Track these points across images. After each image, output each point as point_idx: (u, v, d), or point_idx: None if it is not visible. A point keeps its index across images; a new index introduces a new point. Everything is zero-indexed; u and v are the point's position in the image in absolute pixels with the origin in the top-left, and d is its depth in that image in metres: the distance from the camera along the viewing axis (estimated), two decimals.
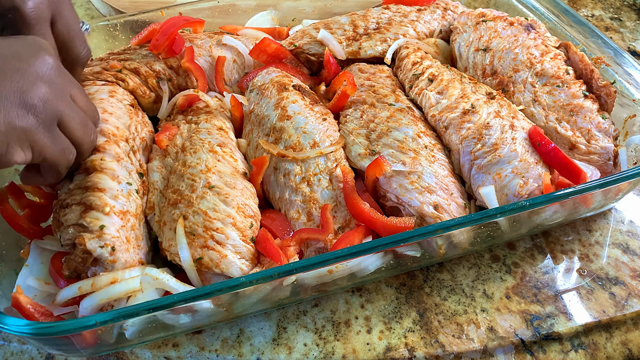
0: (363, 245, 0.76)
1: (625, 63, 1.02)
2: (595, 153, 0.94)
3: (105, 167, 0.82)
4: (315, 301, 0.87)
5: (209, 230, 0.79)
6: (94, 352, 0.78)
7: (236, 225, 0.81)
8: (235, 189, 0.85)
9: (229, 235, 0.80)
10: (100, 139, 0.86)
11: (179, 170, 0.87)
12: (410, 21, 1.19)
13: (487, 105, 0.94)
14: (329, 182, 0.89)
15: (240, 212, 0.83)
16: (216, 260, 0.78)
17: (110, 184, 0.81)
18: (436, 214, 0.83)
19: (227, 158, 0.90)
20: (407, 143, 0.91)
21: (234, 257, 0.79)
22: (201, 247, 0.78)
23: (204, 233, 0.79)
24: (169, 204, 0.84)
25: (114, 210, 0.79)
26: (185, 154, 0.89)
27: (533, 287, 0.88)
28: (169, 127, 0.97)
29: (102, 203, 0.78)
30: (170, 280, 0.75)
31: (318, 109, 0.99)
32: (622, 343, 0.83)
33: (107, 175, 0.82)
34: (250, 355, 0.80)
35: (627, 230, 0.97)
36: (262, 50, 1.11)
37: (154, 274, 0.75)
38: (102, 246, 0.75)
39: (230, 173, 0.88)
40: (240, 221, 0.82)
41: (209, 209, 0.81)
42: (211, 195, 0.83)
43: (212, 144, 0.91)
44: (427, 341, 0.81)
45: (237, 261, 0.79)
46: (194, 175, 0.85)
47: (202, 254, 0.78)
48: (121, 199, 0.81)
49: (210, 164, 0.87)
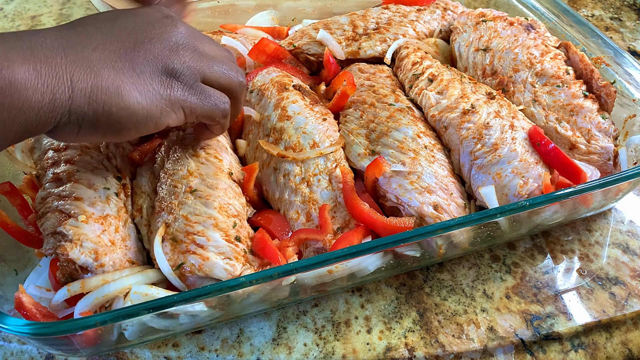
0: (363, 245, 0.76)
1: (625, 63, 1.02)
2: (595, 153, 0.94)
3: (79, 178, 0.82)
4: (315, 301, 0.87)
5: (190, 235, 0.78)
6: (94, 352, 0.78)
7: (218, 226, 0.80)
8: (217, 189, 0.84)
9: (210, 237, 0.78)
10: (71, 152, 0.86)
11: (163, 178, 0.87)
12: (409, 21, 1.19)
13: (487, 105, 0.94)
14: (328, 182, 0.89)
15: (223, 212, 0.82)
16: (198, 264, 0.76)
17: (88, 193, 0.81)
18: (436, 214, 0.83)
19: (210, 159, 0.89)
20: (407, 143, 0.91)
21: (216, 258, 0.77)
22: (183, 253, 0.77)
23: (185, 238, 0.78)
24: (154, 212, 0.84)
25: (93, 217, 0.78)
26: (169, 162, 0.89)
27: (533, 287, 0.88)
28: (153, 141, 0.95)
29: (80, 211, 0.78)
30: (161, 293, 0.74)
31: (318, 109, 0.99)
32: (622, 343, 0.83)
33: (83, 184, 0.82)
34: (250, 355, 0.80)
35: (627, 230, 0.97)
36: (261, 51, 1.11)
37: (143, 291, 0.74)
38: (83, 253, 0.75)
39: (213, 174, 0.87)
40: (222, 221, 0.81)
41: (190, 214, 0.80)
42: (192, 200, 0.82)
43: (196, 148, 0.91)
44: (427, 341, 0.81)
45: (221, 262, 0.77)
46: (176, 181, 0.85)
47: (184, 260, 0.77)
48: (99, 204, 0.80)
49: (192, 168, 0.86)
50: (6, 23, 1.55)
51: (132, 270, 0.78)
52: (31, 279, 0.81)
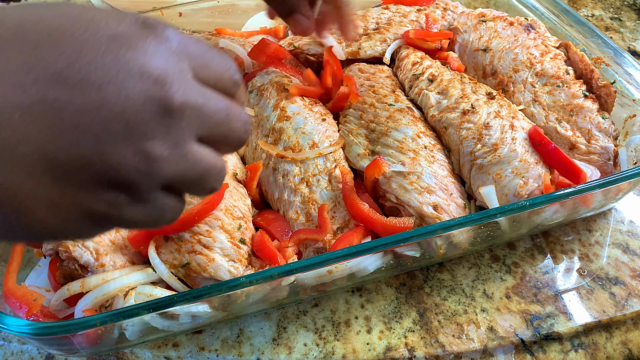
0: (362, 245, 0.76)
1: (625, 63, 1.02)
2: (595, 153, 0.94)
3: None
4: (315, 301, 0.87)
5: (196, 234, 0.79)
6: (94, 352, 0.78)
7: (224, 228, 0.80)
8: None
9: (216, 238, 0.79)
10: None
11: None
12: (410, 21, 1.19)
13: (487, 105, 0.94)
14: (328, 182, 0.89)
15: (229, 214, 0.82)
16: (204, 264, 0.77)
17: None
18: (435, 214, 0.83)
19: None
20: (407, 143, 0.91)
21: (222, 259, 0.78)
22: (189, 253, 0.77)
23: (191, 238, 0.78)
24: None
25: None
26: None
27: (533, 287, 0.88)
28: None
29: None
30: (164, 293, 0.75)
31: (317, 109, 0.99)
32: (622, 343, 0.83)
33: None
34: (250, 355, 0.80)
35: (627, 230, 0.97)
36: (261, 51, 1.11)
37: (147, 291, 0.74)
38: (86, 252, 0.75)
39: None
40: (228, 223, 0.81)
41: None
42: (198, 200, 0.82)
43: None
44: (427, 341, 0.81)
45: (226, 264, 0.78)
46: None
47: (189, 259, 0.77)
48: None
49: None
50: None
51: (132, 269, 0.78)
52: (31, 279, 0.81)
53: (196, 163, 0.42)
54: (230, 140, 0.45)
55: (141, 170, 0.38)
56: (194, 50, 0.42)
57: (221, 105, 0.43)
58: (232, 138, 0.45)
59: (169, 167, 0.40)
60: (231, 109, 0.44)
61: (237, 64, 1.11)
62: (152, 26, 0.40)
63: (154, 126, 0.38)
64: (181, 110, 0.39)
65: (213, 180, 0.44)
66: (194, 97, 0.40)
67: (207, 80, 0.43)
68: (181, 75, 0.40)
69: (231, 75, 0.46)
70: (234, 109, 0.45)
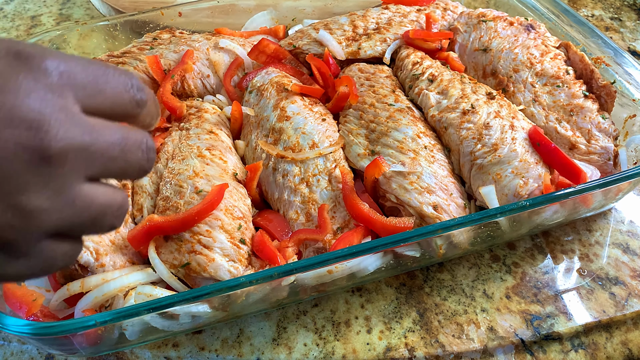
0: (362, 245, 0.76)
1: (625, 63, 1.02)
2: (595, 153, 0.94)
3: None
4: (315, 301, 0.87)
5: (196, 234, 0.78)
6: (94, 352, 0.78)
7: (224, 228, 0.80)
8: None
9: (216, 238, 0.79)
10: None
11: (168, 177, 0.87)
12: (410, 21, 1.19)
13: (487, 105, 0.94)
14: (328, 182, 0.89)
15: (229, 214, 0.82)
16: (203, 264, 0.77)
17: None
18: (435, 214, 0.83)
19: (215, 161, 0.90)
20: (407, 143, 0.91)
21: (222, 259, 0.78)
22: (189, 252, 0.77)
23: (191, 238, 0.78)
24: (158, 211, 0.84)
25: None
26: (174, 161, 0.89)
27: (533, 287, 0.88)
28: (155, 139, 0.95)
29: None
30: (164, 293, 0.75)
31: (317, 110, 0.99)
32: (622, 343, 0.83)
33: None
34: (250, 355, 0.80)
35: (627, 230, 0.97)
36: (261, 51, 1.11)
37: (147, 291, 0.74)
38: (86, 252, 0.75)
39: (219, 175, 0.87)
40: (228, 223, 0.81)
41: None
42: (198, 200, 0.82)
43: (201, 148, 0.91)
44: (427, 341, 0.81)
45: (226, 264, 0.78)
46: (181, 181, 0.85)
47: (189, 259, 0.77)
48: None
49: (198, 168, 0.87)
50: (6, 23, 1.55)
51: (132, 269, 0.78)
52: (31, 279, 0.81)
53: (86, 207, 0.39)
54: (129, 173, 0.42)
55: (15, 226, 0.35)
56: (81, 79, 0.38)
57: (115, 138, 0.40)
58: (131, 171, 0.42)
59: (50, 218, 0.37)
60: (127, 140, 0.41)
61: (237, 64, 1.11)
62: (27, 58, 0.36)
63: (29, 177, 0.35)
64: (62, 155, 0.35)
65: (111, 218, 0.42)
66: (78, 137, 0.36)
67: (99, 110, 0.39)
68: (62, 114, 0.36)
69: (131, 96, 0.42)
70: (130, 139, 0.41)
